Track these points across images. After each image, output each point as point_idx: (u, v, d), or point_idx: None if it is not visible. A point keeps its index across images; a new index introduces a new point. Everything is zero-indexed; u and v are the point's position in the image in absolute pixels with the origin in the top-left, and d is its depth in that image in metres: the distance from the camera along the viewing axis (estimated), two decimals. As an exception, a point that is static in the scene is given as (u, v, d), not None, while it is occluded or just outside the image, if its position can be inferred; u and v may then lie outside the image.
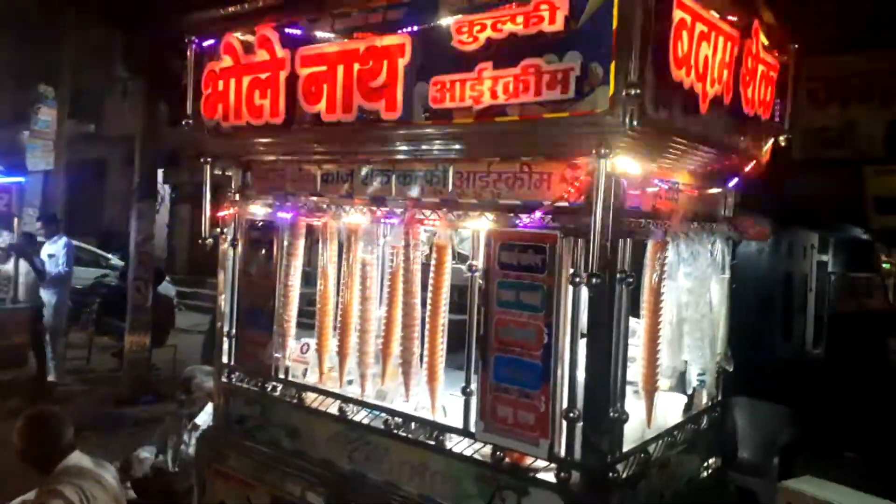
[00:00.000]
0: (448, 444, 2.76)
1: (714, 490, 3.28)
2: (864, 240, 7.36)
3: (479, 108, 2.49)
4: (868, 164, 7.67)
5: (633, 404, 2.69)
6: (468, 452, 2.71)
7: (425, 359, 2.84)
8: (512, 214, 2.55)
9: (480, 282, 2.65)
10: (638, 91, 2.17)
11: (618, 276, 2.41)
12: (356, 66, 2.77)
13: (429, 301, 2.80)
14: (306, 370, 3.37)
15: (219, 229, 3.52)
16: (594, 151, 2.26)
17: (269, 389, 3.38)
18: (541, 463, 2.55)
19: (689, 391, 3.11)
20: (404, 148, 2.83)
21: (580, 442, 2.47)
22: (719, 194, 3.21)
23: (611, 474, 2.47)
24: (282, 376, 3.35)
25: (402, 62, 2.65)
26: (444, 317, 2.81)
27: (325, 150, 3.08)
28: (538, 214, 2.46)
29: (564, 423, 2.48)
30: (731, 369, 2.95)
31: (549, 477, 2.52)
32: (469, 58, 2.49)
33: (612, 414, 2.47)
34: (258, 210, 3.42)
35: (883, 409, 6.90)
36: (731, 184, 3.10)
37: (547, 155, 2.49)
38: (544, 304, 2.48)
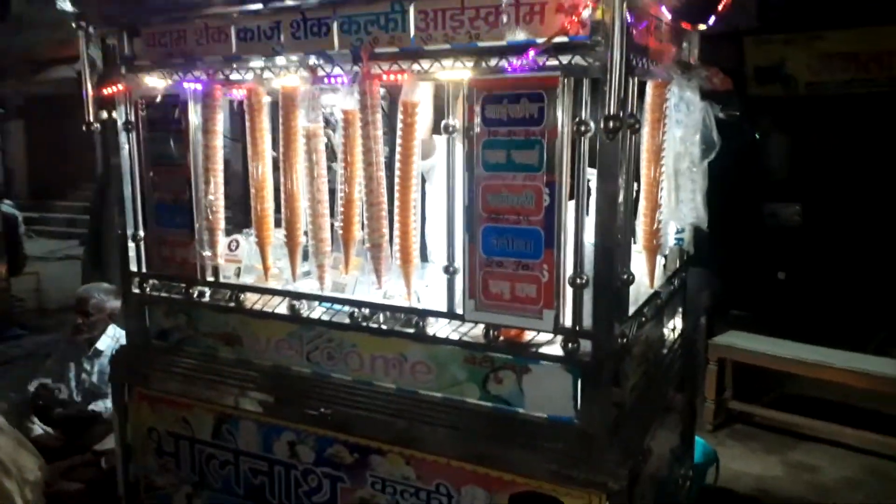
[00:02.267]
0: (430, 331, 2.45)
1: (683, 354, 3.22)
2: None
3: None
4: (747, 35, 7.81)
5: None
6: (455, 336, 2.42)
7: (396, 240, 2.46)
8: (499, 58, 2.15)
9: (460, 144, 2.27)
10: None
11: (628, 121, 2.11)
12: None
13: (398, 171, 2.39)
14: (239, 269, 2.89)
15: (105, 112, 2.85)
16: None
17: (196, 295, 2.88)
18: (542, 337, 2.31)
19: (666, 251, 2.95)
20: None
21: (587, 310, 2.23)
22: (686, 39, 2.97)
23: (619, 339, 2.28)
24: (212, 278, 2.85)
25: None
26: (416, 189, 2.42)
27: (243, -2, 2.49)
28: (532, 54, 2.08)
29: (571, 292, 2.23)
30: (705, 227, 2.81)
31: (554, 350, 2.29)
32: None
33: (622, 277, 2.24)
34: (156, 83, 2.78)
35: (760, 268, 7.39)
36: (707, 23, 2.86)
37: (540, -20, 2.09)
38: (543, 162, 2.15)
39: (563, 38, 2.07)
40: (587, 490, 2.21)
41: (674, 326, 3.20)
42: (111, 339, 3.97)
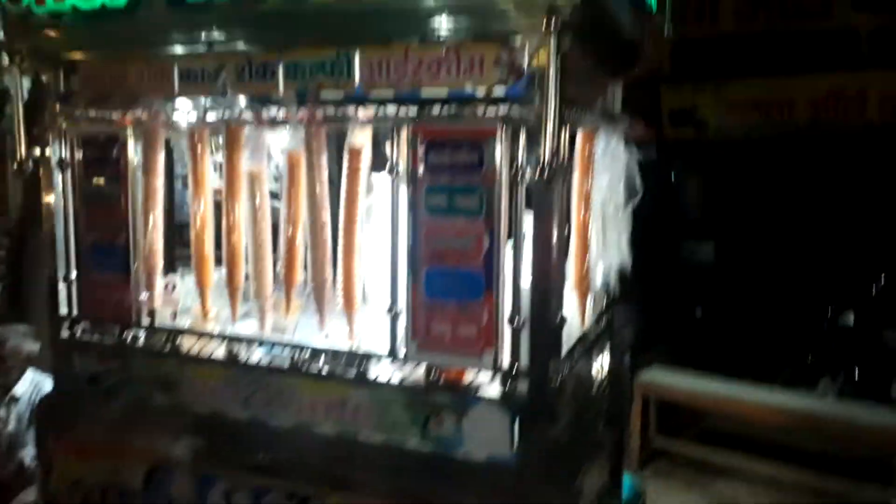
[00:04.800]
0: (371, 374, 2.48)
1: (611, 391, 3.35)
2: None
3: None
4: (662, 82, 8.28)
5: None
6: (396, 379, 2.45)
7: (340, 282, 2.49)
8: (441, 107, 2.25)
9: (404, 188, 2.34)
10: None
11: (560, 168, 2.23)
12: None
13: (342, 214, 2.44)
14: (176, 312, 2.85)
15: (38, 150, 2.78)
16: (543, 28, 2.03)
17: (130, 339, 2.81)
18: (482, 379, 2.37)
19: (595, 291, 3.09)
20: (296, 33, 2.38)
21: (523, 351, 2.32)
22: (610, 89, 3.16)
23: (554, 379, 2.36)
24: (147, 322, 2.79)
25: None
26: (360, 233, 2.46)
27: (187, 39, 2.51)
28: (476, 105, 2.19)
29: (509, 332, 2.31)
30: (629, 269, 2.97)
31: (493, 390, 2.36)
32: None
33: (557, 317, 2.34)
34: (93, 121, 2.74)
35: (678, 305, 7.74)
36: (626, 78, 3.06)
37: (479, 35, 2.21)
38: (483, 207, 2.25)
39: (502, 90, 2.19)
40: (525, 529, 2.26)
41: (602, 364, 3.33)
42: (30, 384, 3.79)
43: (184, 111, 2.59)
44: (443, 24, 2.22)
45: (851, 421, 4.46)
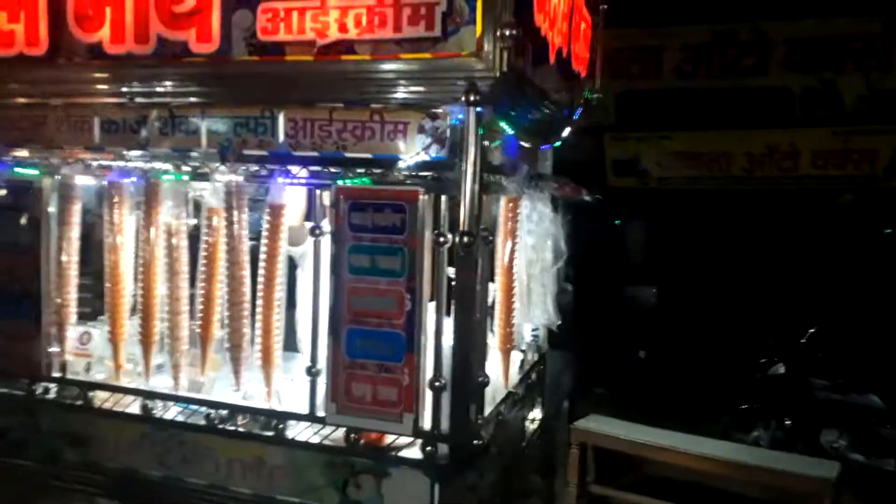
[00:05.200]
0: (290, 434, 2.43)
1: (543, 442, 3.35)
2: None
3: (322, 44, 2.14)
4: (607, 131, 8.50)
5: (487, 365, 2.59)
6: (315, 440, 2.40)
7: (258, 340, 2.44)
8: (364, 170, 2.25)
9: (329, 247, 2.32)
10: (514, 32, 2.00)
11: (482, 234, 2.25)
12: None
13: (262, 270, 2.40)
14: (89, 364, 2.74)
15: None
16: (463, 98, 2.07)
17: (40, 392, 2.69)
18: (402, 441, 2.34)
19: (523, 347, 3.10)
20: (220, 90, 2.37)
21: (444, 413, 2.30)
22: (541, 153, 3.22)
23: (476, 441, 2.35)
24: (58, 374, 2.68)
25: (221, -19, 2.19)
26: (280, 290, 2.42)
27: (109, 90, 2.47)
28: (399, 169, 2.20)
29: (430, 395, 2.29)
30: (559, 323, 3.00)
31: (413, 453, 2.33)
32: (311, -18, 2.12)
33: (478, 379, 2.34)
34: (8, 168, 2.65)
35: (621, 348, 7.84)
36: (556, 142, 3.12)
37: (403, 102, 2.23)
38: (405, 269, 2.24)
39: (425, 157, 2.20)
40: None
41: (533, 418, 3.33)
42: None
43: (103, 162, 2.53)
44: (368, 90, 2.24)
45: (780, 470, 4.54)
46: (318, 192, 2.35)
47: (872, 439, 5.34)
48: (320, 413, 2.37)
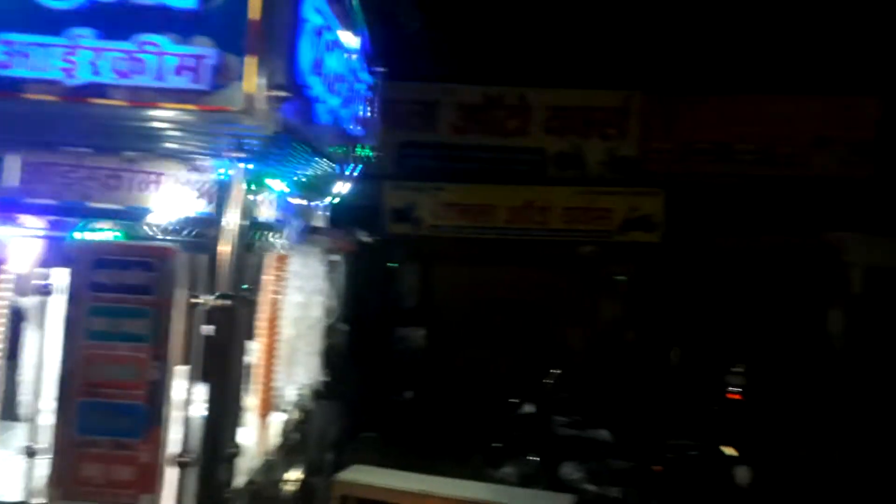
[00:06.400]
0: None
1: (304, 499, 3.24)
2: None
3: (72, 85, 1.92)
4: (386, 180, 8.71)
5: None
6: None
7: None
8: (111, 221, 2.03)
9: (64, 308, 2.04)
10: (286, 93, 1.95)
11: (243, 294, 2.13)
12: None
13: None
14: None
15: None
16: (231, 154, 1.97)
17: None
18: (141, 524, 2.10)
19: (285, 407, 2.98)
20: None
21: (190, 490, 2.11)
22: (316, 207, 3.17)
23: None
24: None
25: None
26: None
27: None
28: (151, 223, 2.01)
29: (175, 471, 2.09)
30: (327, 381, 2.94)
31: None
32: (59, 18, 1.90)
33: (230, 450, 2.19)
34: None
35: (389, 390, 7.96)
36: (332, 198, 3.09)
37: (164, 153, 2.06)
38: (153, 333, 2.04)
39: (183, 210, 2.05)
40: None
41: (295, 478, 3.21)
42: None
43: None
44: (125, 138, 2.04)
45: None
46: (51, 246, 2.07)
47: (603, 470, 5.92)
48: (39, 500, 2.04)
